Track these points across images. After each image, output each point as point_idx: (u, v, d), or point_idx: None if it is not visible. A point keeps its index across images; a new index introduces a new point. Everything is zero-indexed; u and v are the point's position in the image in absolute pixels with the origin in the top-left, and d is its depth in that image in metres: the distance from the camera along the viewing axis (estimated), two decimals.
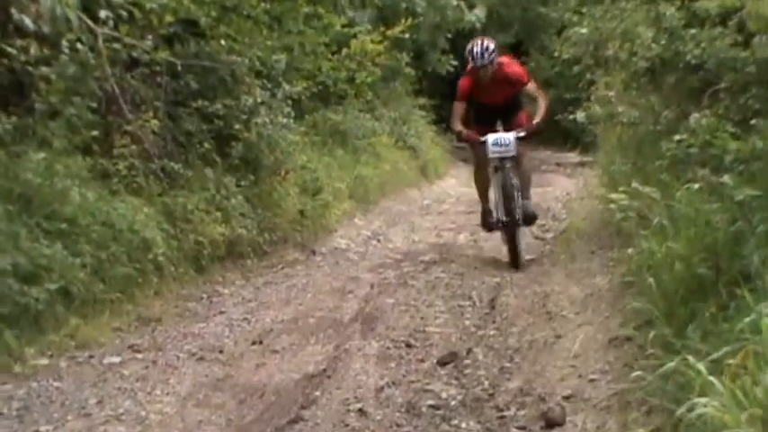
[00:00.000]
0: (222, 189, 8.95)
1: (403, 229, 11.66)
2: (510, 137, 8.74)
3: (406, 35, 15.85)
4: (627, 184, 6.25)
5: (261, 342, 6.39)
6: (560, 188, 14.96)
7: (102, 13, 7.95)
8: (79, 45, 7.49)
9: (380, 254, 9.88)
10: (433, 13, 19.50)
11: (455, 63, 20.55)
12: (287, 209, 10.21)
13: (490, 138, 8.75)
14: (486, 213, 9.26)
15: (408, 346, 6.15)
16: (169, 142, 8.66)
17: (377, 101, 16.59)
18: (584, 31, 9.80)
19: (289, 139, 10.52)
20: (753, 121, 5.66)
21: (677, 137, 6.31)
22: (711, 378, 3.35)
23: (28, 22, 7.11)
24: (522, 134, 8.77)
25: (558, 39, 15.03)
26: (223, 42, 9.62)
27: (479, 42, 9.05)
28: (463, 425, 4.76)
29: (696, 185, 5.29)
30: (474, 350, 5.94)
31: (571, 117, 11.53)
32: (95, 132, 7.67)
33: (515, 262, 8.67)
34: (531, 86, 9.08)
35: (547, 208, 11.92)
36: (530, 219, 9.05)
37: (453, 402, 5.06)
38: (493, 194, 9.11)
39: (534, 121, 8.84)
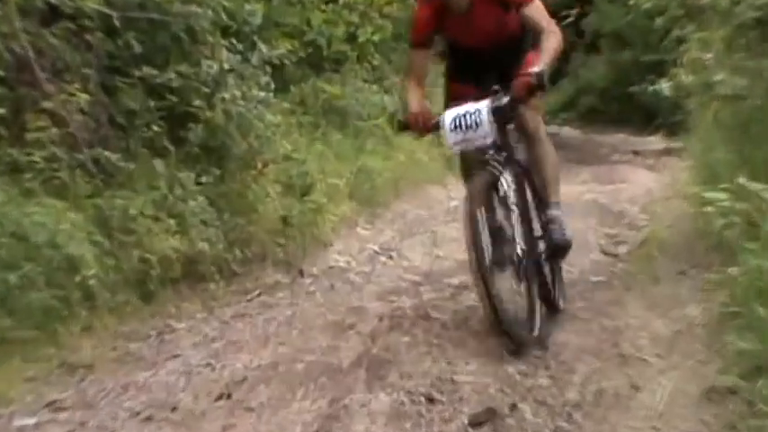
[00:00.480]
0: (177, 188, 8.93)
1: (422, 241, 11.61)
2: (482, 110, 6.92)
3: None
4: (729, 179, 6.25)
5: (229, 396, 6.37)
6: (638, 185, 15.00)
7: None
8: None
9: (392, 275, 9.84)
10: None
11: None
12: (265, 214, 10.23)
13: (447, 116, 7.00)
14: (480, 286, 6.72)
15: (430, 400, 6.11)
16: (104, 124, 8.65)
17: (387, 66, 16.59)
18: None
19: (267, 121, 10.52)
20: None
21: None
22: None
23: None
24: (504, 102, 6.96)
25: None
26: None
27: None
28: None
29: None
30: (519, 406, 5.90)
31: (652, 88, 11.52)
32: (1, 110, 7.66)
33: (536, 330, 7.00)
34: (533, 9, 7.26)
35: (619, 212, 11.94)
36: (559, 249, 7.67)
37: None
38: (480, 230, 6.81)
39: (532, 70, 6.88)
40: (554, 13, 7.71)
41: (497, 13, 7.25)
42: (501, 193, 6.84)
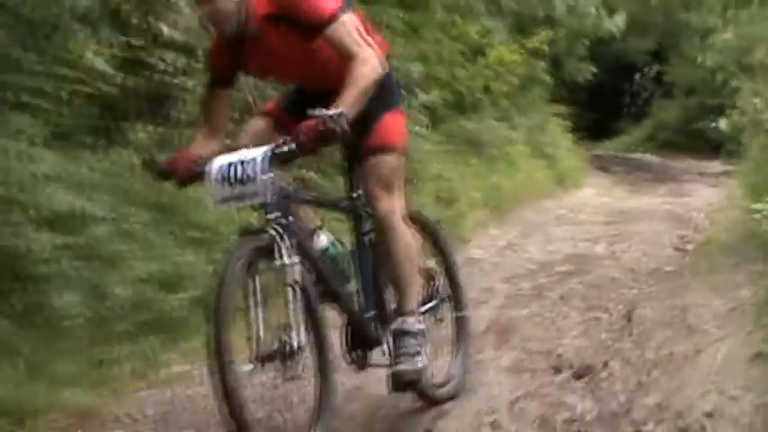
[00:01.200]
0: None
1: (538, 239, 11.46)
2: (257, 160, 4.03)
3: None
4: None
5: None
6: (702, 198, 14.66)
7: None
8: None
9: (515, 264, 9.72)
10: (572, 21, 19.37)
11: (594, 70, 20.44)
12: None
13: (214, 165, 4.08)
14: None
15: (546, 358, 6.03)
16: None
17: (513, 109, 16.44)
18: (728, 36, 9.59)
19: (424, 149, 10.54)
20: None
21: None
22: None
23: (166, 31, 7.32)
24: (285, 150, 4.07)
25: (701, 45, 14.84)
26: None
27: None
28: None
29: None
30: (610, 363, 5.77)
31: (714, 125, 11.35)
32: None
33: None
34: (338, 30, 4.15)
35: (688, 218, 11.69)
36: (401, 384, 4.47)
37: (589, 417, 4.93)
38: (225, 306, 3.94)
39: (323, 112, 3.97)
40: (638, 68, 6.97)
41: (298, 41, 4.15)
42: (277, 264, 3.96)
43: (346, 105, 3.98)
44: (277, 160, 4.05)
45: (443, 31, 12.66)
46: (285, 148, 4.07)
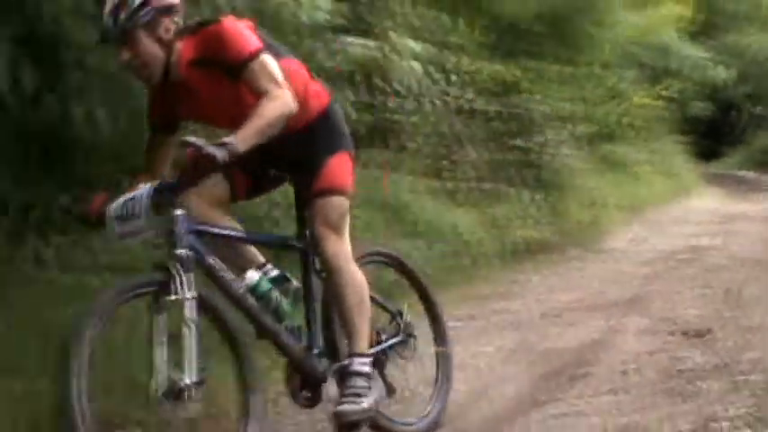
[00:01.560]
0: (531, 206, 9.04)
1: (662, 234, 11.10)
2: (143, 195, 3.00)
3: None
4: None
5: (558, 316, 6.32)
6: None
7: (453, 78, 8.31)
8: (436, 101, 7.87)
9: (643, 253, 9.45)
10: (691, 72, 18.85)
11: (708, 108, 19.99)
12: (574, 217, 10.05)
13: (114, 204, 3.05)
14: None
15: (669, 323, 5.89)
16: (492, 168, 8.85)
17: (643, 138, 16.05)
18: None
19: (574, 166, 10.51)
20: None
21: None
22: None
23: (396, 85, 7.51)
24: (166, 183, 3.06)
25: None
26: (530, 95, 9.73)
27: None
28: (712, 384, 4.54)
29: None
30: (721, 328, 5.60)
31: None
32: (444, 162, 8.06)
33: None
34: (256, 69, 3.05)
35: None
36: (343, 426, 3.27)
37: (704, 367, 4.83)
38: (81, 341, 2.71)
39: (200, 142, 2.89)
40: (737, 106, 6.62)
41: (226, 85, 3.10)
42: (173, 298, 2.91)
43: (241, 136, 2.94)
44: (160, 195, 3.00)
45: (588, 80, 12.58)
46: (168, 183, 3.07)
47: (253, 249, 3.38)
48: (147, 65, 3.05)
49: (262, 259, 3.38)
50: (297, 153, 3.27)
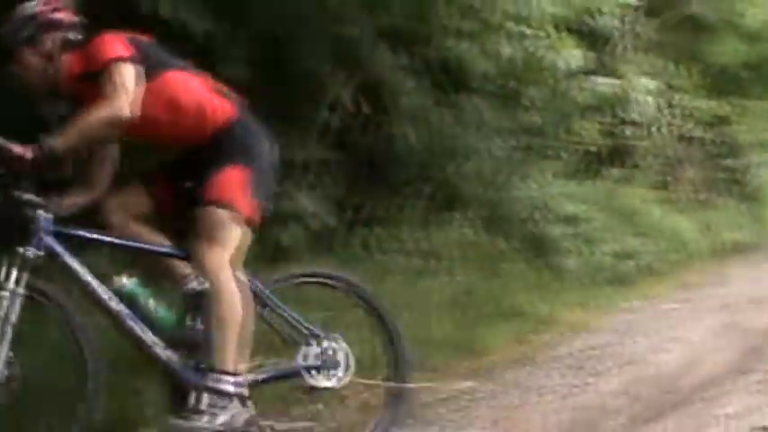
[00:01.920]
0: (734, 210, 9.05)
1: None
2: None
3: None
4: None
5: (761, 302, 6.10)
6: None
7: (677, 111, 8.65)
8: (663, 129, 8.26)
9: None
10: None
11: None
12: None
13: None
14: None
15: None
16: (706, 183, 9.22)
17: None
18: None
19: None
20: None
21: None
22: None
23: (632, 115, 8.00)
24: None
25: None
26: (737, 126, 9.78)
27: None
28: None
29: None
30: None
31: None
32: (669, 178, 8.42)
33: None
34: (110, 75, 2.69)
35: None
36: None
37: None
38: None
39: (46, 140, 2.61)
40: None
41: (94, 91, 2.68)
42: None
43: (63, 136, 2.63)
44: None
45: None
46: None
47: (181, 264, 2.83)
48: (31, 79, 2.70)
49: (187, 272, 2.82)
50: (201, 164, 2.78)
